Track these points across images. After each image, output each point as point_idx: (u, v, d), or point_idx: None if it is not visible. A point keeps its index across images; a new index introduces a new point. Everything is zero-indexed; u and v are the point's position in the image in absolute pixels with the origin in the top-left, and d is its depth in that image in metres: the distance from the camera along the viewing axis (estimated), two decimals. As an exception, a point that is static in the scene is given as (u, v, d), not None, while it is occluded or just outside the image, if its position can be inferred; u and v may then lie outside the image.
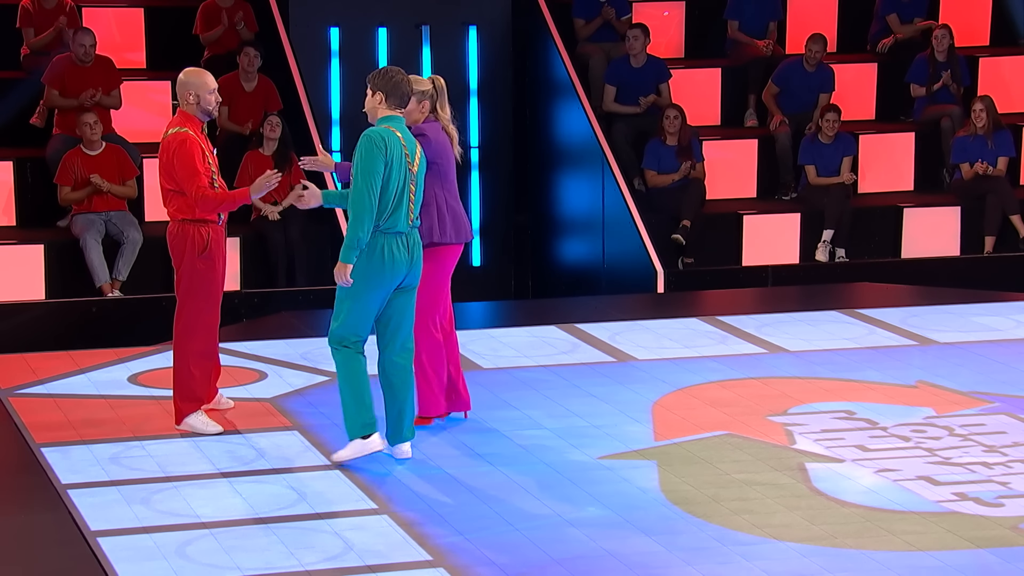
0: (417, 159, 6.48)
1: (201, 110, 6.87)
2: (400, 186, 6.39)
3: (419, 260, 6.54)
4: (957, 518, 6.00)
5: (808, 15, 12.33)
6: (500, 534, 5.83)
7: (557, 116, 11.59)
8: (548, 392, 7.67)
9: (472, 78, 11.88)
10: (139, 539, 5.76)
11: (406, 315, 6.56)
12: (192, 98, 6.84)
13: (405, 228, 6.45)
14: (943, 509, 6.09)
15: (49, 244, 9.82)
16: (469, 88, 11.89)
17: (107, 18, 11.25)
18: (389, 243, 6.42)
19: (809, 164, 11.09)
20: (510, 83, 11.94)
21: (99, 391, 7.68)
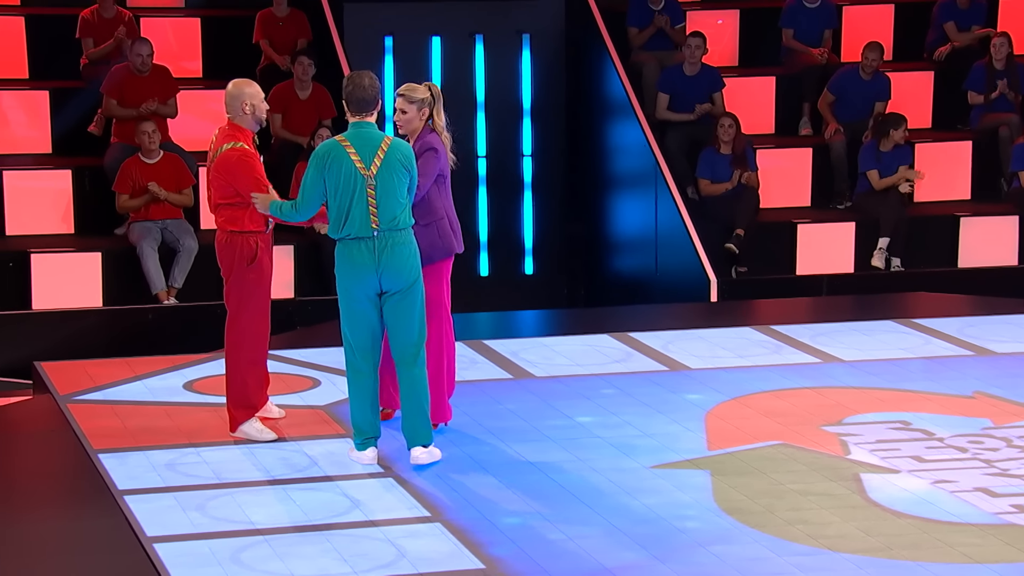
0: (376, 164, 6.40)
1: (255, 119, 6.90)
2: (350, 194, 6.38)
3: (394, 263, 6.44)
4: (1015, 530, 5.93)
5: (864, 23, 12.26)
6: (552, 543, 5.82)
7: (610, 124, 11.58)
8: (601, 401, 7.65)
9: (525, 86, 11.90)
10: (194, 545, 5.80)
11: (400, 320, 6.50)
12: (247, 108, 6.86)
13: (367, 233, 6.41)
14: (1001, 521, 6.03)
15: (106, 252, 9.92)
16: (522, 96, 11.91)
17: (164, 28, 11.35)
18: (349, 249, 6.44)
19: (872, 169, 11.01)
20: (563, 91, 11.95)
21: (155, 398, 7.74)
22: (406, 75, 11.74)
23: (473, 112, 11.84)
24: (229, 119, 6.90)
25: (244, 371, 6.98)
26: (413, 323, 6.53)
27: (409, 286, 6.50)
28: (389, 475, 6.59)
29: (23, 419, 7.70)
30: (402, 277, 6.47)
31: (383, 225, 6.41)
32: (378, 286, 6.47)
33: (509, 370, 8.25)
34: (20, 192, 10.21)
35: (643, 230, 11.18)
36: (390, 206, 6.42)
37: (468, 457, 6.81)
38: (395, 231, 6.44)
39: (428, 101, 6.86)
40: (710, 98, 11.35)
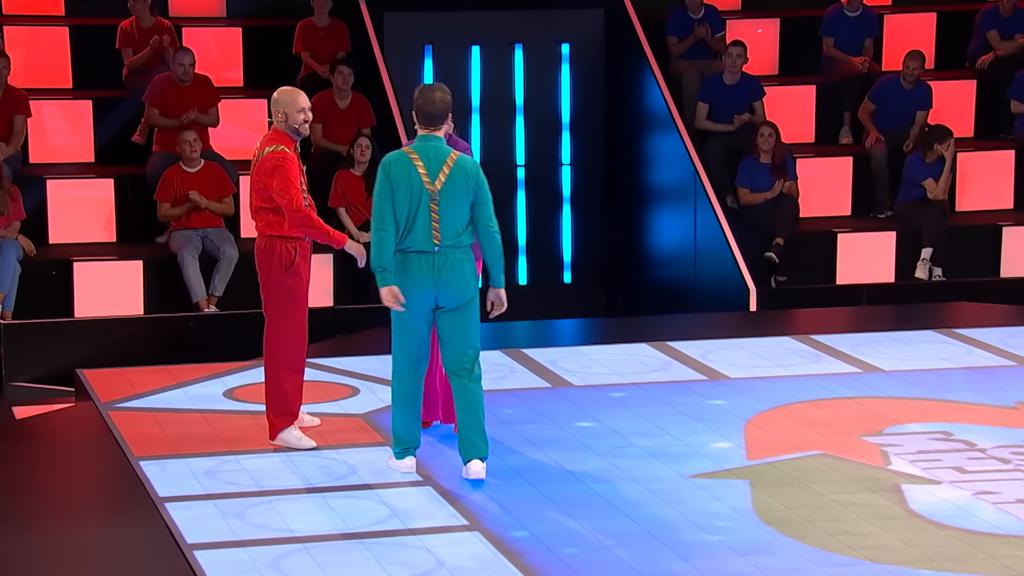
0: (441, 179, 6.33)
1: (289, 128, 6.92)
2: (413, 206, 6.31)
3: (453, 280, 6.37)
4: (1058, 543, 5.88)
5: (906, 31, 12.20)
6: (591, 552, 5.81)
7: (650, 133, 11.57)
8: (639, 410, 7.64)
9: (564, 95, 11.91)
10: (234, 553, 5.82)
11: (456, 335, 6.44)
12: (280, 116, 6.91)
13: (428, 248, 6.35)
14: (1044, 533, 5.98)
15: (148, 260, 9.98)
16: (560, 104, 11.91)
17: (206, 37, 11.43)
18: (408, 262, 6.40)
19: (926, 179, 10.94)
20: (602, 100, 11.95)
21: (195, 405, 7.78)
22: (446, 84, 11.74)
23: (512, 121, 11.86)
24: (272, 125, 6.99)
25: (283, 378, 7.00)
26: (469, 338, 6.47)
27: (467, 303, 6.43)
28: (428, 484, 6.60)
29: (65, 426, 7.76)
30: (460, 294, 6.41)
31: (445, 241, 6.34)
32: (434, 301, 6.41)
33: (547, 379, 8.25)
34: (63, 201, 10.30)
35: (682, 239, 11.15)
36: (453, 222, 6.34)
37: (506, 466, 6.81)
38: (456, 248, 6.37)
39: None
40: (750, 107, 11.32)
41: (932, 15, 12.38)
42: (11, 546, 5.95)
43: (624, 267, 11.91)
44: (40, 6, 11.41)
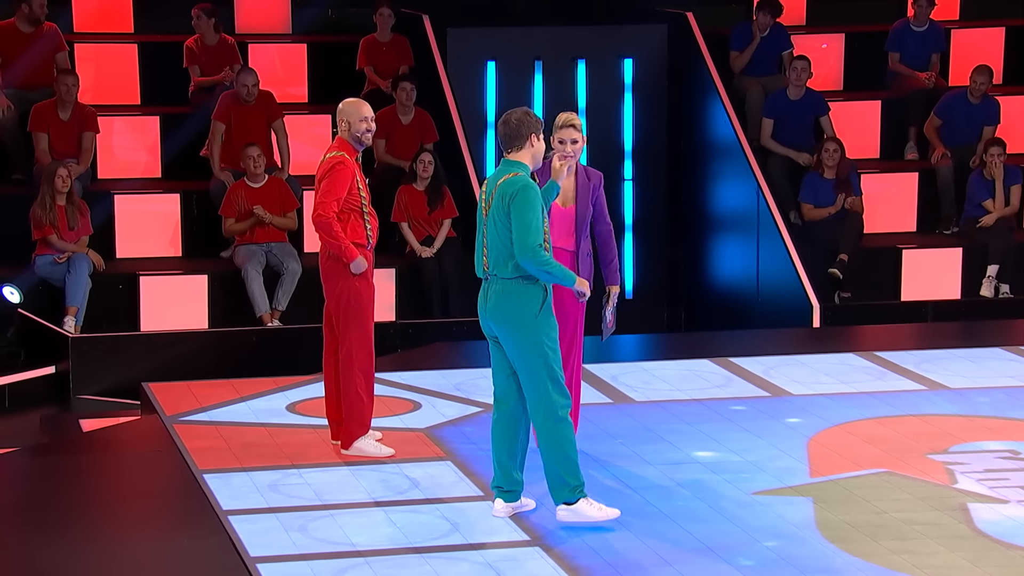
0: (489, 202, 6.09)
1: (352, 137, 7.01)
2: (479, 231, 6.19)
3: (496, 312, 6.06)
4: None
5: (973, 47, 12.09)
6: (653, 569, 5.79)
7: (712, 149, 11.53)
8: (701, 426, 7.60)
9: (627, 110, 11.89)
10: (297, 566, 5.85)
11: (518, 371, 6.11)
12: (344, 125, 7.01)
13: (480, 274, 6.17)
14: (1112, 554, 5.88)
15: (212, 274, 10.07)
16: (624, 119, 11.90)
17: (270, 53, 11.53)
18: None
19: (986, 199, 10.84)
20: (665, 115, 11.92)
21: (258, 419, 7.83)
22: (509, 99, 11.81)
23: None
24: (337, 135, 7.10)
25: (359, 385, 7.04)
26: (526, 376, 6.08)
27: (514, 339, 6.06)
28: (489, 499, 6.60)
29: (131, 439, 7.83)
30: (504, 328, 6.08)
31: (491, 269, 6.10)
32: (491, 329, 6.19)
33: (609, 394, 8.23)
34: (130, 215, 10.42)
35: (745, 255, 11.10)
36: (495, 250, 6.08)
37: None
38: (501, 278, 6.07)
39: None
40: (815, 122, 11.25)
41: (1000, 30, 12.25)
42: (76, 557, 6.01)
43: (686, 283, 11.87)
44: (110, 23, 11.56)
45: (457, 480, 6.86)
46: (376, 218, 7.13)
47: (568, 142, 6.68)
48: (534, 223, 5.96)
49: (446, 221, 10.29)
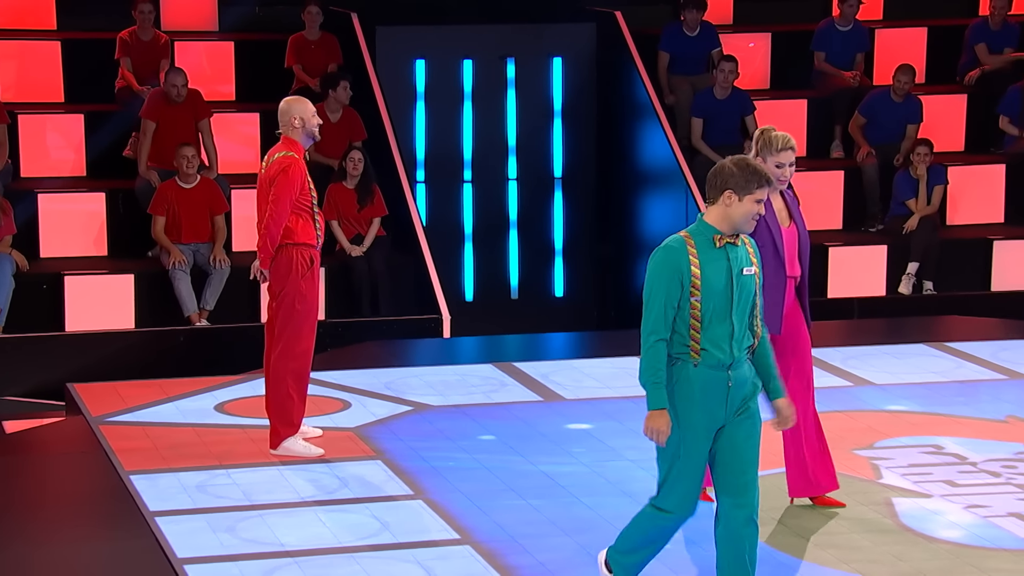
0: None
1: (306, 133, 7.04)
2: None
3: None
4: (1049, 556, 5.88)
5: (896, 46, 12.23)
6: (583, 566, 5.80)
7: (640, 145, 11.58)
8: (631, 423, 7.63)
9: (556, 109, 11.92)
10: (225, 567, 5.81)
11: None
12: (297, 122, 7.01)
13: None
14: (1034, 547, 5.98)
15: (139, 274, 9.97)
16: (553, 118, 11.92)
17: (198, 51, 11.44)
18: None
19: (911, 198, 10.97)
20: (594, 114, 11.96)
21: (186, 419, 7.77)
22: (437, 99, 11.81)
23: (504, 135, 11.87)
24: (283, 134, 7.06)
25: (290, 386, 7.02)
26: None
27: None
28: (419, 497, 6.59)
29: (55, 440, 7.75)
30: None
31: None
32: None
33: (539, 392, 8.25)
34: (55, 215, 10.28)
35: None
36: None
37: (497, 479, 6.80)
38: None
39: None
40: (741, 122, 11.34)
41: (923, 29, 12.41)
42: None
43: (616, 280, 11.91)
44: (32, 20, 11.41)
45: (387, 479, 6.85)
46: (324, 217, 7.15)
47: (787, 166, 6.12)
48: (654, 304, 5.02)
49: (376, 219, 10.27)
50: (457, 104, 11.75)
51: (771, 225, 6.07)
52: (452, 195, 11.80)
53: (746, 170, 4.96)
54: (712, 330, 4.95)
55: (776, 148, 6.11)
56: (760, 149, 6.12)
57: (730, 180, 4.97)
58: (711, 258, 4.97)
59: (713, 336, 4.96)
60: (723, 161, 5.05)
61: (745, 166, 4.97)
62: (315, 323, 7.10)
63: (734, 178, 4.96)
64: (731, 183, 4.97)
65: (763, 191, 4.96)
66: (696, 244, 4.98)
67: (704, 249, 4.97)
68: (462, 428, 7.59)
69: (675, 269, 4.96)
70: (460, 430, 7.55)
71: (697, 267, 4.94)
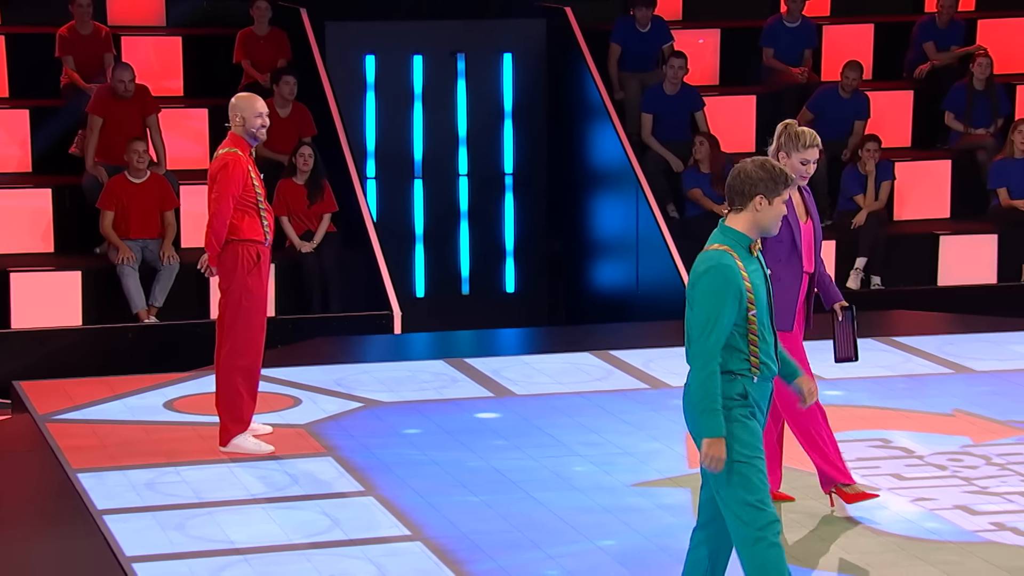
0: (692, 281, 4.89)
1: (246, 132, 7.01)
2: None
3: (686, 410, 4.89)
4: (994, 548, 5.95)
5: (844, 42, 12.32)
6: (534, 561, 5.81)
7: (591, 142, 11.60)
8: (582, 419, 7.65)
9: (507, 105, 11.92)
10: (174, 565, 5.77)
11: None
12: (238, 120, 7.00)
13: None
14: (980, 539, 6.04)
15: (86, 271, 9.88)
16: (504, 114, 11.92)
17: (145, 46, 11.35)
18: None
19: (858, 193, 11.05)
20: (545, 109, 11.97)
21: (135, 417, 7.71)
22: (388, 94, 11.78)
23: (454, 131, 11.86)
24: (230, 130, 7.06)
25: (239, 383, 6.99)
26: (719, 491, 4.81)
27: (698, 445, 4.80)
28: (370, 494, 6.58)
29: (2, 438, 7.67)
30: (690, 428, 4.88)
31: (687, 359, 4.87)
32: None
33: (490, 388, 8.25)
34: (0, 211, 10.18)
35: (624, 248, 11.19)
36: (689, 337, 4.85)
37: (448, 475, 6.80)
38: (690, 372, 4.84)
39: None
40: (691, 117, 11.39)
41: (870, 26, 12.50)
42: (-54, 560, 5.87)
43: (567, 276, 11.94)
44: (-26, 15, 11.31)
45: (338, 476, 6.83)
46: (272, 213, 7.15)
47: (811, 163, 6.03)
48: (716, 327, 4.71)
49: (326, 215, 10.23)
50: (407, 100, 11.73)
51: (791, 221, 6.02)
52: (403, 191, 11.78)
53: (772, 172, 4.77)
54: (764, 342, 4.78)
55: (804, 144, 6.03)
56: (784, 144, 6.05)
57: (759, 185, 4.76)
58: (752, 268, 4.78)
59: (767, 348, 4.79)
60: (743, 165, 4.81)
61: (771, 168, 4.79)
62: (263, 319, 7.08)
63: (763, 182, 4.76)
64: (760, 187, 4.76)
65: (788, 191, 4.80)
66: (738, 256, 4.77)
67: (745, 260, 4.77)
68: (413, 424, 7.58)
69: (736, 288, 4.71)
70: (411, 426, 7.55)
71: (748, 280, 4.74)
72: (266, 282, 7.08)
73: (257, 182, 7.05)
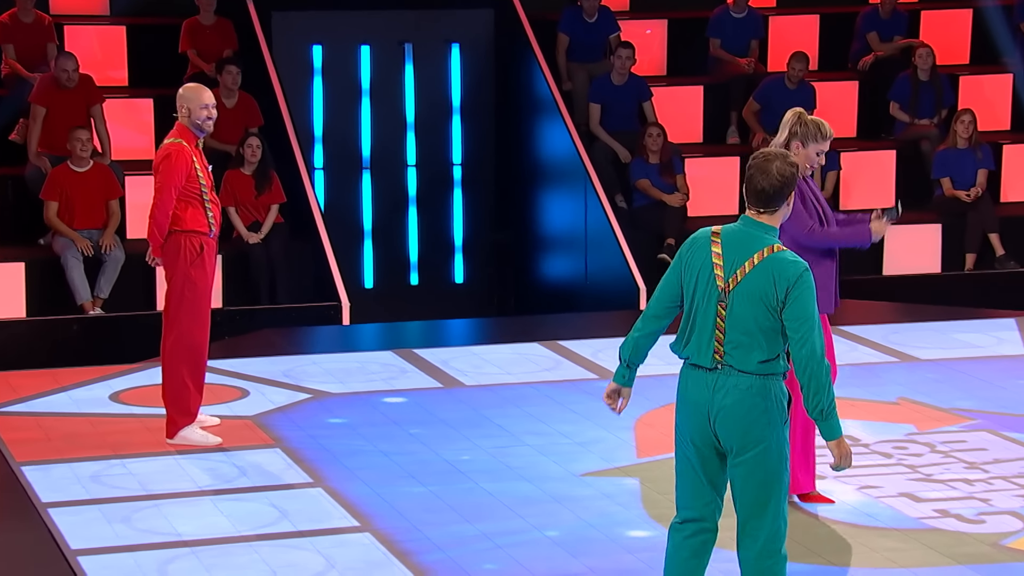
0: (737, 278, 4.68)
1: (192, 124, 6.98)
2: (700, 304, 4.78)
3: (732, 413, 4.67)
4: (938, 535, 6.01)
5: (790, 33, 12.39)
6: (482, 551, 5.82)
7: (539, 133, 11.61)
8: (530, 409, 7.67)
9: (455, 95, 11.90)
10: (120, 558, 5.73)
11: (738, 489, 4.76)
12: (184, 111, 6.96)
13: (707, 362, 4.75)
14: (925, 526, 6.11)
15: (30, 262, 9.78)
16: (452, 105, 11.91)
17: (89, 35, 11.24)
18: (685, 376, 4.86)
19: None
20: (493, 100, 11.97)
21: (80, 409, 7.65)
22: (335, 84, 11.73)
23: (402, 121, 11.83)
24: (177, 120, 7.02)
25: (185, 375, 6.95)
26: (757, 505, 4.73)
27: (755, 450, 4.68)
28: (318, 485, 6.56)
29: (-55, 432, 7.59)
30: (741, 433, 4.68)
31: (728, 359, 4.69)
32: (712, 436, 4.75)
33: (439, 379, 8.25)
34: (-59, 201, 10.08)
35: (573, 238, 11.21)
36: (743, 335, 4.68)
37: (397, 466, 6.79)
38: (743, 372, 4.67)
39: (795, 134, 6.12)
40: (639, 107, 11.42)
41: (815, 17, 12.58)
42: None
43: (515, 267, 11.95)
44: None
45: (286, 467, 6.81)
46: (218, 205, 7.12)
47: (823, 153, 6.23)
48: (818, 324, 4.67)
49: (274, 206, 10.18)
50: (355, 90, 11.69)
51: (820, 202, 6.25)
52: (351, 182, 11.74)
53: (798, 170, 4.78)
54: None
55: (824, 135, 6.18)
56: (802, 134, 6.15)
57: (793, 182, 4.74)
58: None
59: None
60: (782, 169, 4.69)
61: (797, 167, 4.76)
62: (208, 311, 7.04)
63: (795, 179, 4.74)
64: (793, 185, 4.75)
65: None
66: None
67: None
68: (362, 415, 7.57)
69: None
70: (360, 418, 7.53)
71: None
72: (211, 273, 7.04)
73: (203, 173, 7.02)
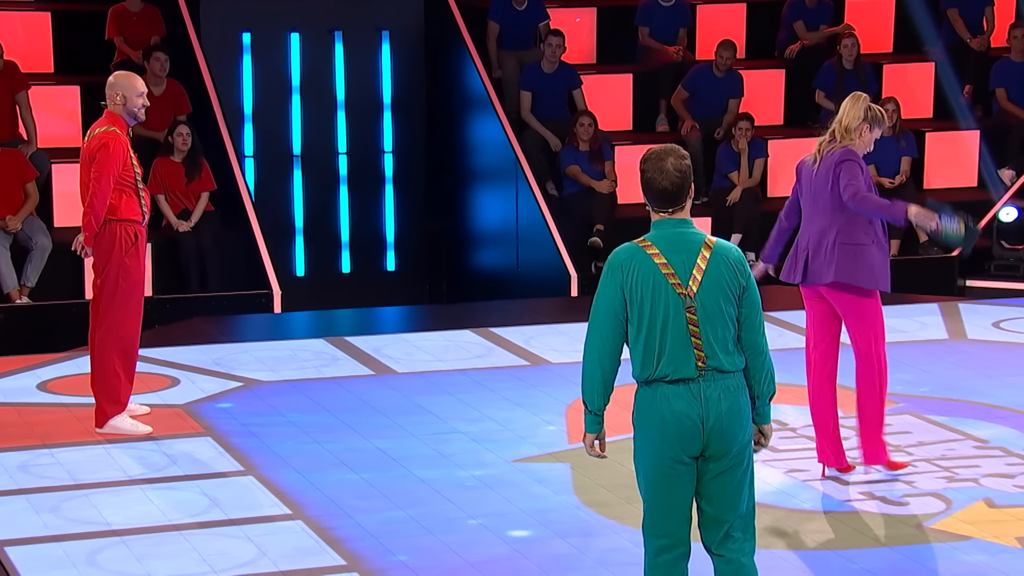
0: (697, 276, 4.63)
1: (127, 112, 6.94)
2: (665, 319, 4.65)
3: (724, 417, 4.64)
4: (864, 517, 6.11)
5: (717, 22, 12.48)
6: (415, 538, 5.84)
7: (471, 121, 11.62)
8: (462, 396, 7.69)
9: (385, 84, 11.88)
10: (48, 548, 5.70)
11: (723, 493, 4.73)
12: (119, 99, 6.91)
13: (690, 373, 4.65)
14: (851, 508, 6.20)
15: (-45, 251, 9.66)
16: (382, 94, 11.89)
17: (13, 22, 11.10)
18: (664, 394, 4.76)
19: (733, 171, 11.23)
20: (423, 88, 11.96)
21: (7, 399, 7.58)
22: (265, 71, 11.67)
23: (333, 109, 11.80)
24: (107, 108, 6.95)
25: (116, 364, 6.92)
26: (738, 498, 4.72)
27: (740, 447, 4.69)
28: (249, 473, 6.55)
29: None
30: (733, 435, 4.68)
31: (710, 363, 4.62)
32: (702, 445, 4.64)
33: (371, 366, 8.25)
34: None
35: (504, 226, 11.24)
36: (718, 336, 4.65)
37: (329, 454, 6.79)
38: (725, 373, 4.66)
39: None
40: (568, 95, 11.46)
41: (742, 6, 12.68)
42: None
43: (447, 254, 11.96)
44: None
45: (217, 456, 6.79)
46: (148, 193, 7.08)
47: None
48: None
49: (204, 194, 10.13)
50: (285, 78, 11.63)
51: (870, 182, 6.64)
52: (281, 169, 11.69)
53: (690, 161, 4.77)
54: None
55: (883, 123, 6.68)
56: (871, 118, 6.65)
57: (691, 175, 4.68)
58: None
59: None
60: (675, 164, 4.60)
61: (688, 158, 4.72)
62: (141, 299, 7.02)
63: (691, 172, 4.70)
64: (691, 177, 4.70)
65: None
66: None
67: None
68: (294, 403, 7.56)
69: None
70: (292, 405, 7.52)
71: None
72: (143, 262, 7.01)
73: (135, 161, 6.99)
